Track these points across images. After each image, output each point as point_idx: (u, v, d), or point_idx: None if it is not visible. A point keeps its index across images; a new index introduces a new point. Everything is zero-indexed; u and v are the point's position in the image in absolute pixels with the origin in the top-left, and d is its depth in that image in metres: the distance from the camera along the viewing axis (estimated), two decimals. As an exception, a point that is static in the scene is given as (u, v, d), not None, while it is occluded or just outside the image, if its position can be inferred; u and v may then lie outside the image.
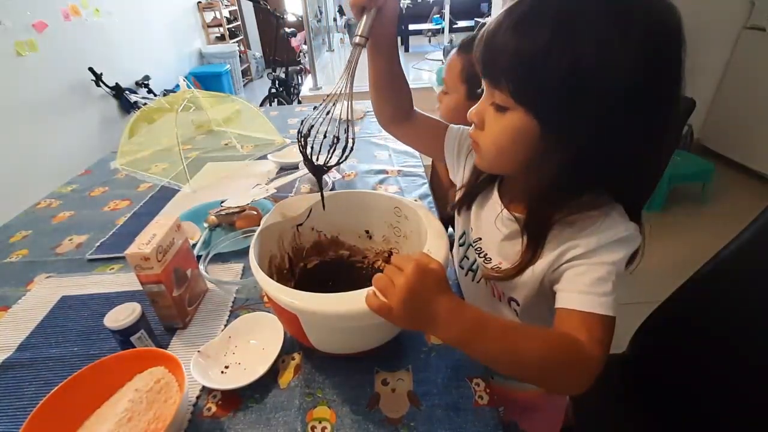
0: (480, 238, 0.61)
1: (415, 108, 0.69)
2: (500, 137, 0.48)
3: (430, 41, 3.79)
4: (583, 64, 0.39)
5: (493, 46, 0.44)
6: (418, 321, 0.40)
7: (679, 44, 0.41)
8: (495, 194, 0.59)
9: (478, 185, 0.62)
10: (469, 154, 0.65)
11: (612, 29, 0.39)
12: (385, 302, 0.40)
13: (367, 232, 0.71)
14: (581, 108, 0.41)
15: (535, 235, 0.50)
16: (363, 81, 0.65)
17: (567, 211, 0.48)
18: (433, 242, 0.53)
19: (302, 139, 0.55)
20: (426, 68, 2.98)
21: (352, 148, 0.55)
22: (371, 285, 0.43)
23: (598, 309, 0.43)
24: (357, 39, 0.53)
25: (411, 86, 0.66)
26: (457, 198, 0.66)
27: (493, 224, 0.58)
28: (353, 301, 0.43)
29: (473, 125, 0.52)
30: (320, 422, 0.51)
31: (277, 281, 0.50)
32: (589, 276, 0.45)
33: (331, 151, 0.55)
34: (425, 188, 1.04)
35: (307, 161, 0.57)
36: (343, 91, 0.53)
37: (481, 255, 0.61)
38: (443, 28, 3.35)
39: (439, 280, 0.40)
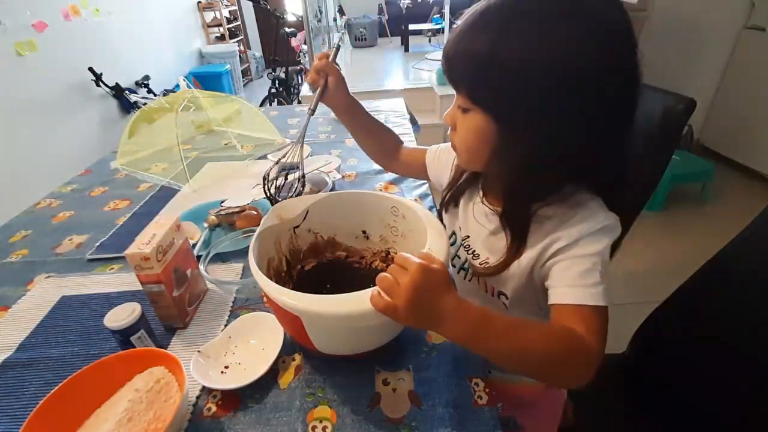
0: (468, 236, 0.63)
1: (403, 144, 0.80)
2: (467, 137, 0.51)
3: (430, 41, 3.79)
4: (527, 60, 0.41)
5: (452, 52, 0.48)
6: (423, 320, 0.41)
7: (629, 39, 0.43)
8: (479, 191, 0.61)
9: (463, 183, 0.64)
10: (451, 164, 0.68)
11: (557, 25, 0.41)
12: (390, 302, 0.40)
13: (364, 232, 0.71)
14: (530, 104, 0.43)
15: (515, 228, 0.52)
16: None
17: (543, 204, 0.50)
18: (433, 241, 0.53)
19: (267, 182, 0.73)
20: (426, 68, 2.97)
21: (300, 192, 0.73)
22: (369, 285, 0.43)
23: (590, 300, 0.44)
24: (307, 111, 0.71)
25: (411, 86, 0.68)
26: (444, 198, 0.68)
27: (478, 220, 0.59)
28: (358, 302, 0.43)
29: (450, 128, 0.55)
30: (321, 422, 0.51)
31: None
32: (575, 269, 0.46)
33: (290, 190, 0.74)
34: (425, 188, 1.04)
35: (266, 194, 0.74)
36: (297, 145, 0.72)
37: (470, 251, 0.62)
38: (443, 28, 3.35)
39: (443, 278, 0.41)
